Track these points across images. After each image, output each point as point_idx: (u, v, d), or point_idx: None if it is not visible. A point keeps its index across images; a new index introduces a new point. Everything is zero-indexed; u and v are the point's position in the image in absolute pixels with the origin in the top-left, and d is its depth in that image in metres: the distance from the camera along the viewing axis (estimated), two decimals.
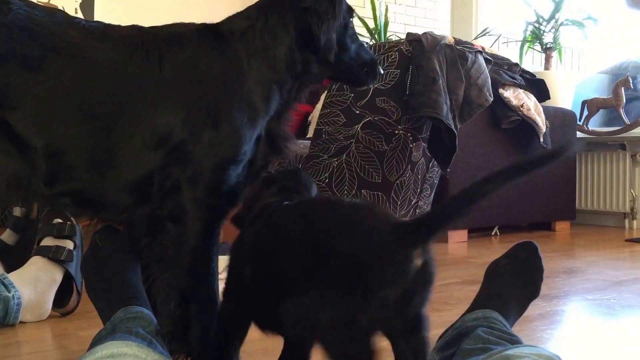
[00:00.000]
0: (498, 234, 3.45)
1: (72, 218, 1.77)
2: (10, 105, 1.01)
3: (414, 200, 2.57)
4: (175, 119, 1.05)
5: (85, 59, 1.06)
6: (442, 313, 1.70)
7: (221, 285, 1.68)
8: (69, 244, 1.70)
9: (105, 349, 0.88)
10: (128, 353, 0.85)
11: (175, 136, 1.05)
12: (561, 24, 3.76)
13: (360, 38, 4.32)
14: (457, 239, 3.16)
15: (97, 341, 1.06)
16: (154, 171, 1.05)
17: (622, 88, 3.60)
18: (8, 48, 1.01)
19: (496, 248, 2.90)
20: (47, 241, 1.68)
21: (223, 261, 2.22)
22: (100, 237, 1.30)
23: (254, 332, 1.37)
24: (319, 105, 3.12)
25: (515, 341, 1.10)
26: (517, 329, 1.48)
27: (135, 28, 1.15)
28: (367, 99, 2.36)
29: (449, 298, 1.91)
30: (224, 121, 1.08)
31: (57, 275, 1.65)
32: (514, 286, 1.32)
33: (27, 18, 1.03)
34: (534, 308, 1.77)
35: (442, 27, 5.34)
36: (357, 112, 2.38)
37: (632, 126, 3.54)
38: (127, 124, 1.05)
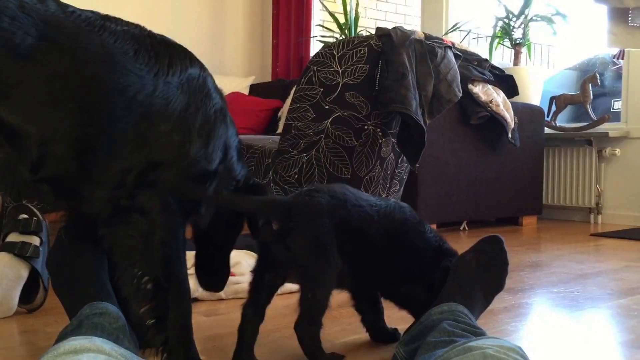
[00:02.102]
0: (466, 228, 3.49)
1: (38, 214, 1.75)
2: (1, 95, 1.02)
3: (383, 196, 2.58)
4: (167, 124, 1.12)
5: (78, 48, 1.07)
6: None
7: (191, 281, 1.67)
8: (35, 240, 1.67)
9: (68, 344, 0.87)
10: (91, 348, 0.84)
11: (156, 140, 1.12)
12: (530, 19, 3.80)
13: (331, 33, 4.30)
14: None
15: (62, 337, 1.05)
16: (132, 167, 1.10)
17: (590, 84, 3.67)
18: None
19: (465, 242, 2.93)
20: (13, 237, 1.66)
21: (189, 257, 2.19)
22: (66, 233, 1.29)
23: (208, 331, 1.37)
24: (289, 100, 3.11)
25: (480, 333, 1.12)
26: (482, 322, 1.50)
27: (137, 25, 1.21)
28: (336, 93, 2.36)
29: None
30: (201, 136, 1.16)
31: (23, 272, 1.63)
32: (480, 280, 1.34)
33: (18, 7, 1.02)
34: (500, 301, 1.80)
35: (413, 23, 5.37)
36: (327, 107, 2.37)
37: (599, 122, 3.61)
38: (115, 117, 1.08)
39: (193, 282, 1.76)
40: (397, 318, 1.60)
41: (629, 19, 0.95)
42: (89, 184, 1.11)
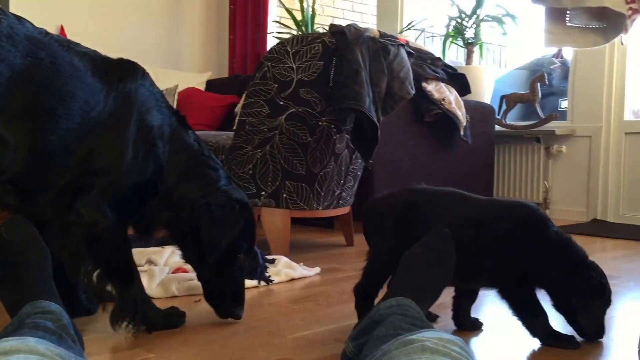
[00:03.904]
0: None
1: None
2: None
3: (337, 192, 2.59)
4: (108, 136, 1.30)
5: (57, 65, 1.26)
6: None
7: (143, 278, 1.64)
8: None
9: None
10: (22, 349, 0.82)
11: (98, 149, 1.29)
12: (482, 20, 3.88)
13: (288, 30, 4.29)
14: None
15: (2, 337, 1.02)
16: (76, 174, 1.28)
17: (538, 84, 3.77)
18: None
19: None
20: None
21: (143, 254, 2.16)
22: (7, 231, 1.29)
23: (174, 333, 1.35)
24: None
25: (427, 327, 1.14)
26: None
27: (94, 50, 1.40)
28: (291, 90, 2.36)
29: None
30: (135, 147, 1.33)
31: None
32: (428, 273, 1.36)
33: (9, 26, 1.21)
34: (450, 294, 1.83)
35: (370, 21, 5.42)
36: (281, 103, 2.37)
37: (547, 120, 3.71)
38: (72, 129, 1.26)
39: (146, 280, 1.75)
40: (351, 313, 1.62)
41: (567, 18, 0.99)
42: (41, 188, 1.28)
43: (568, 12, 0.98)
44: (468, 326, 1.51)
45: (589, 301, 1.36)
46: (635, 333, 1.38)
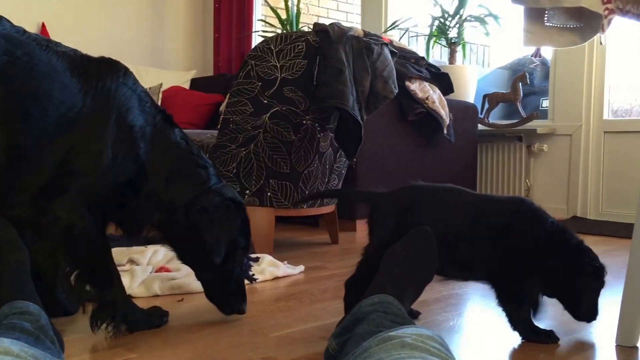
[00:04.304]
0: None
1: None
2: None
3: (319, 191, 2.60)
4: (86, 136, 1.28)
5: (34, 64, 1.24)
6: (342, 301, 1.75)
7: (125, 278, 1.63)
8: None
9: None
10: None
11: (75, 149, 1.27)
12: (465, 20, 3.91)
13: (273, 29, 4.28)
14: (365, 227, 3.23)
15: None
16: (53, 175, 1.26)
17: (520, 83, 3.80)
18: None
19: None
20: None
21: (125, 253, 2.15)
22: None
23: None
24: None
25: (408, 324, 1.15)
26: None
27: (73, 49, 1.37)
28: (274, 88, 2.36)
29: None
30: (114, 147, 1.31)
31: None
32: (409, 271, 1.38)
33: None
34: (432, 292, 1.85)
35: (354, 20, 5.43)
36: (265, 101, 2.37)
37: (528, 119, 3.75)
38: (48, 129, 1.24)
39: (127, 280, 1.74)
40: (333, 311, 1.62)
41: (545, 18, 1.00)
42: (17, 189, 1.26)
43: (546, 12, 1.00)
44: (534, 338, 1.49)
45: (588, 283, 1.40)
46: (614, 326, 1.40)
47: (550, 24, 0.99)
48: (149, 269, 1.90)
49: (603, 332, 1.49)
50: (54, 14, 4.19)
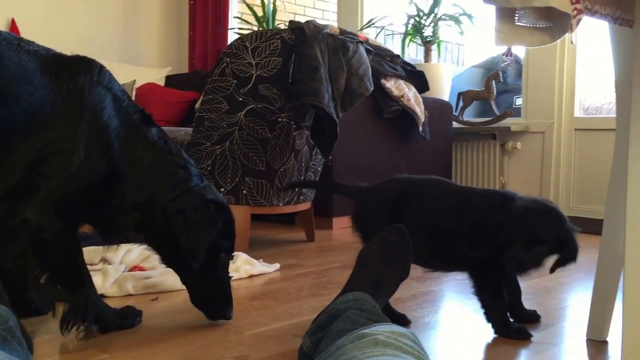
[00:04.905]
0: None
1: None
2: None
3: (298, 188, 2.60)
4: (56, 136, 1.26)
5: (3, 65, 1.22)
6: (320, 297, 1.75)
7: (97, 277, 1.61)
8: None
9: None
10: None
11: (46, 150, 1.25)
12: (439, 18, 3.94)
13: (249, 26, 4.25)
14: (342, 224, 3.25)
15: None
16: (22, 176, 1.24)
17: (493, 81, 3.84)
18: None
19: None
20: None
21: (97, 252, 2.12)
22: None
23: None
24: None
25: (382, 321, 1.16)
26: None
27: (46, 48, 1.34)
28: (250, 86, 2.35)
29: (329, 282, 1.97)
30: (87, 147, 1.28)
31: None
32: (385, 268, 1.38)
33: None
34: (408, 289, 1.86)
35: (331, 18, 5.43)
36: (240, 99, 2.36)
37: (502, 117, 3.79)
38: (16, 131, 1.23)
39: (100, 279, 1.72)
40: (310, 308, 1.63)
41: (516, 18, 1.01)
42: None
43: (517, 12, 1.01)
44: (526, 318, 1.54)
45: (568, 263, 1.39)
46: (585, 322, 1.43)
47: (521, 24, 1.00)
48: (121, 268, 1.87)
49: (574, 326, 1.52)
50: (24, 10, 4.11)
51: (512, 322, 1.45)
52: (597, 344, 1.38)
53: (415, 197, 1.50)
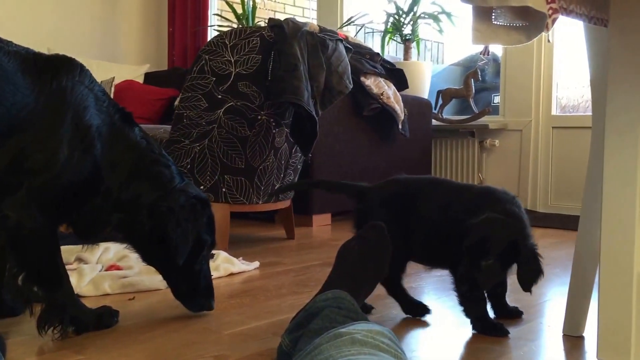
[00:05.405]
0: None
1: None
2: None
3: (277, 186, 2.59)
4: (40, 135, 1.26)
5: None
6: (300, 295, 1.75)
7: (72, 277, 1.59)
8: None
9: None
10: None
11: (29, 149, 1.24)
12: (419, 17, 3.95)
13: (228, 23, 4.23)
14: (321, 222, 3.25)
15: None
16: (7, 175, 1.23)
17: (472, 80, 3.87)
18: None
19: None
20: None
21: (72, 252, 2.09)
22: None
23: None
24: None
25: (361, 319, 1.16)
26: None
27: (25, 48, 1.33)
28: (229, 83, 2.34)
29: (308, 280, 1.96)
30: (71, 147, 1.28)
31: None
32: (363, 266, 1.39)
33: None
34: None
35: (310, 16, 5.42)
36: (219, 96, 2.34)
37: (480, 115, 3.82)
38: (6, 131, 1.22)
39: (75, 279, 1.70)
40: (290, 305, 1.62)
41: (492, 17, 1.02)
42: None
43: (494, 11, 1.01)
44: (508, 314, 1.56)
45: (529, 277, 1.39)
46: (562, 317, 1.45)
47: (498, 23, 1.01)
48: (98, 267, 1.85)
49: (551, 322, 1.54)
50: None
51: (491, 318, 1.46)
52: (573, 340, 1.40)
53: (412, 197, 1.52)
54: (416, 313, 1.57)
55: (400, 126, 3.45)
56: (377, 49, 3.89)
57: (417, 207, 1.51)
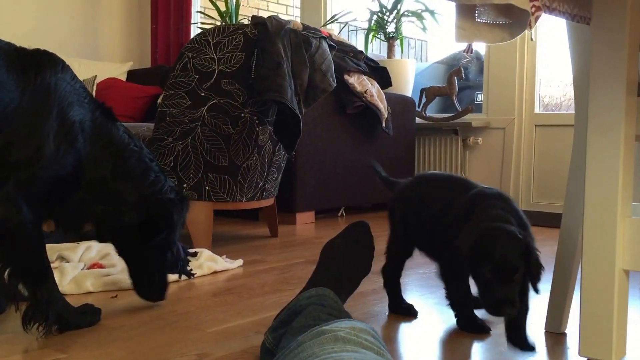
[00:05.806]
0: (344, 214, 3.59)
1: None
2: None
3: (261, 184, 2.58)
4: (25, 130, 1.26)
5: None
6: (284, 293, 1.74)
7: (54, 275, 1.57)
8: None
9: None
10: None
11: (15, 143, 1.25)
12: (402, 15, 3.96)
13: (212, 20, 4.20)
14: (305, 220, 3.25)
15: None
16: None
17: (455, 78, 3.89)
18: None
19: (342, 228, 3.01)
20: None
21: (54, 250, 2.07)
22: None
23: None
24: None
25: (344, 317, 1.16)
26: (351, 304, 1.56)
27: (7, 42, 1.33)
28: (212, 81, 2.32)
29: (292, 278, 1.96)
30: (56, 141, 1.29)
31: None
32: (347, 264, 1.39)
33: None
34: (370, 283, 1.86)
35: (294, 13, 5.41)
36: (203, 94, 2.33)
37: (463, 113, 3.84)
38: None
39: (57, 277, 1.68)
40: (273, 303, 1.61)
41: (476, 14, 1.02)
42: None
43: (477, 9, 1.02)
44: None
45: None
46: (543, 315, 1.46)
47: (481, 20, 1.01)
48: (79, 266, 1.83)
49: (533, 318, 1.55)
50: None
51: (476, 316, 1.46)
52: (555, 336, 1.41)
53: (424, 194, 1.54)
54: (402, 314, 1.57)
55: (383, 124, 3.46)
56: (360, 47, 3.89)
57: (428, 204, 1.52)
